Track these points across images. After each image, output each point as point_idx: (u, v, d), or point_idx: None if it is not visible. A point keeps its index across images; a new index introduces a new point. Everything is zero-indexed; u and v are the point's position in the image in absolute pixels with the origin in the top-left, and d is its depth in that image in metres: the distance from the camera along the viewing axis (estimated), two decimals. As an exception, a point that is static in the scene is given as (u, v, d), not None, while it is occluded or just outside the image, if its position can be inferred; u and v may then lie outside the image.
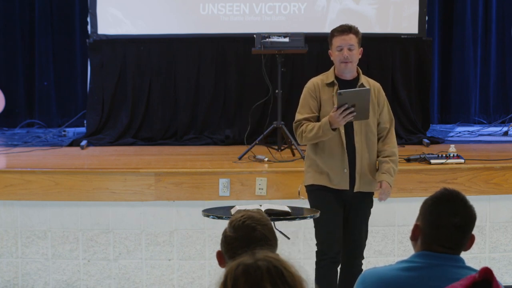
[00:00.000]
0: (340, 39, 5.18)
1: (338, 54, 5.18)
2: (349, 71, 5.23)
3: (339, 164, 5.16)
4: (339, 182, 5.17)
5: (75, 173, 6.50)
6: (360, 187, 5.21)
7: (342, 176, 5.16)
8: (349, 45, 5.16)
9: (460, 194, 2.91)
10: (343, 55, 5.15)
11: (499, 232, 6.59)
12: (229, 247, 3.03)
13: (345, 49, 5.15)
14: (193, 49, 8.56)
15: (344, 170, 5.15)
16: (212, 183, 6.45)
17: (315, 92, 5.21)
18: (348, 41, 5.16)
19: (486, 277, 2.40)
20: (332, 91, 5.17)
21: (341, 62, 5.17)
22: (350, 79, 5.25)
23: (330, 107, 5.11)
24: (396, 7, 8.60)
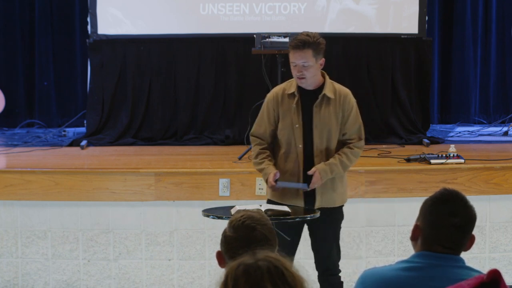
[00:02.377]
0: (294, 55, 4.86)
1: (293, 69, 4.88)
2: (307, 85, 4.94)
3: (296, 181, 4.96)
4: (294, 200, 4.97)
5: (75, 173, 6.50)
6: (321, 204, 4.99)
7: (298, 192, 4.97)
8: (303, 62, 4.84)
9: (460, 194, 2.92)
10: (296, 73, 4.87)
11: (499, 232, 6.59)
12: (229, 247, 3.03)
13: (298, 66, 4.84)
14: (193, 49, 8.56)
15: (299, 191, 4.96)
16: (212, 183, 6.45)
17: (274, 104, 4.97)
18: (302, 58, 4.83)
19: (495, 278, 2.40)
20: (293, 102, 4.93)
21: (297, 78, 4.89)
22: (313, 89, 4.97)
23: (288, 120, 4.92)
24: (396, 7, 8.60)
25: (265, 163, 4.97)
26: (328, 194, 5.01)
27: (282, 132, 4.97)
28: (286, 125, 4.94)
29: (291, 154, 4.97)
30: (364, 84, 8.61)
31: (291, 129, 4.94)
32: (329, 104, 4.94)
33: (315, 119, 4.93)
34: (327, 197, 5.00)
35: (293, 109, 4.93)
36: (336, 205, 5.07)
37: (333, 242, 5.14)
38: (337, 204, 5.08)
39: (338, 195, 5.06)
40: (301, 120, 4.93)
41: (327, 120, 4.93)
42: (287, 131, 4.96)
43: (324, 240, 5.10)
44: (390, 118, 8.58)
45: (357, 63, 8.63)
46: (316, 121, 4.92)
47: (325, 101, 4.94)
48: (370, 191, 6.52)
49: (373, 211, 6.53)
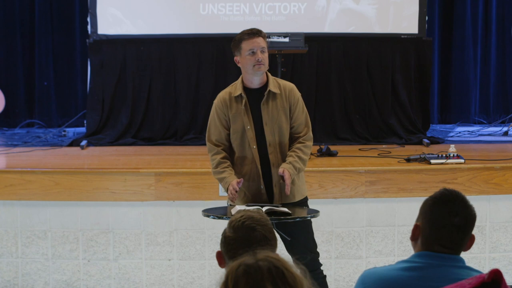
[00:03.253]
0: (251, 42, 4.93)
1: (250, 58, 4.91)
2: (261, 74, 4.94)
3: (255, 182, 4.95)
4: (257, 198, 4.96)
5: (75, 173, 6.50)
6: (281, 200, 4.96)
7: (259, 193, 4.96)
8: (261, 48, 4.91)
9: (460, 194, 2.92)
10: (257, 57, 4.89)
11: (499, 232, 6.59)
12: (229, 248, 3.02)
13: (258, 51, 4.90)
14: (193, 49, 8.56)
15: (261, 187, 4.95)
16: (212, 183, 6.45)
17: (222, 110, 4.97)
18: (259, 44, 4.92)
19: (496, 278, 2.40)
20: (241, 104, 4.93)
21: (254, 65, 4.89)
22: (258, 87, 4.97)
23: (239, 123, 4.92)
24: (396, 7, 8.60)
25: (226, 172, 4.93)
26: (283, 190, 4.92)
27: (234, 136, 4.96)
28: (237, 129, 4.94)
29: (247, 156, 4.96)
30: (364, 84, 8.61)
31: (243, 131, 4.93)
32: (275, 99, 4.95)
33: (264, 117, 4.93)
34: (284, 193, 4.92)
35: (242, 111, 4.93)
36: (296, 199, 5.02)
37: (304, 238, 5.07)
38: (296, 199, 5.02)
39: (295, 189, 5.01)
40: (251, 120, 4.93)
41: (275, 115, 4.93)
42: (239, 134, 4.94)
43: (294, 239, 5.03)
44: (390, 118, 8.58)
45: (357, 63, 8.63)
46: (265, 119, 4.93)
47: (271, 97, 4.94)
48: (370, 191, 6.52)
49: (373, 211, 6.53)
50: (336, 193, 6.49)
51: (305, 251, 5.03)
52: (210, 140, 5.02)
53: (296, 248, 5.02)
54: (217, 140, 4.99)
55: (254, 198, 4.97)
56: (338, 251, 6.47)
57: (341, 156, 7.44)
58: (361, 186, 6.51)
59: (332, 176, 6.50)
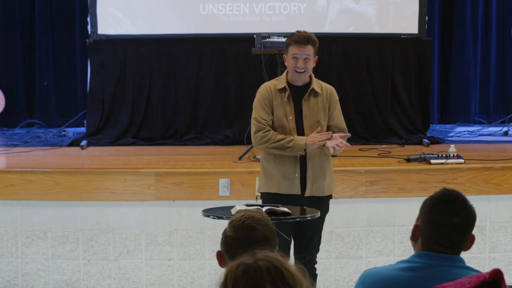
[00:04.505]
0: (297, 48, 5.17)
1: (293, 62, 5.18)
2: (302, 80, 5.24)
3: (290, 170, 5.18)
4: (290, 187, 5.18)
5: (75, 173, 6.50)
6: (312, 192, 5.20)
7: (293, 181, 5.18)
8: (305, 55, 5.17)
9: (460, 194, 2.91)
10: (298, 64, 5.16)
11: (499, 232, 6.59)
12: (229, 247, 3.02)
13: (301, 60, 5.17)
14: (193, 49, 8.56)
15: (295, 175, 5.18)
16: (212, 183, 6.45)
17: (268, 97, 5.21)
18: (305, 51, 5.17)
19: (496, 278, 2.40)
20: (284, 96, 5.20)
21: (295, 71, 5.19)
22: (301, 85, 5.26)
23: (281, 112, 5.17)
24: (396, 7, 8.60)
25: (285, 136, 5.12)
26: (319, 182, 5.22)
27: (276, 125, 5.20)
28: (279, 118, 5.18)
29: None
30: (364, 84, 8.61)
31: (285, 121, 5.17)
32: (317, 98, 5.24)
33: (304, 111, 5.20)
34: (317, 185, 5.22)
35: (285, 103, 5.19)
36: (324, 194, 5.27)
37: (315, 232, 5.31)
38: (325, 193, 5.28)
39: (326, 184, 5.27)
40: (293, 112, 5.18)
41: (315, 112, 5.21)
42: (281, 123, 5.19)
43: (307, 228, 5.24)
44: (390, 118, 8.58)
45: (357, 63, 8.63)
46: (305, 113, 5.20)
47: (313, 94, 5.23)
48: (370, 191, 6.52)
49: (373, 211, 6.53)
50: (336, 193, 6.48)
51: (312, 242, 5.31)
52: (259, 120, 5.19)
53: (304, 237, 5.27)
54: (265, 120, 5.19)
55: (286, 186, 5.19)
56: (338, 251, 6.47)
57: (341, 156, 7.43)
58: (361, 186, 6.51)
59: (332, 176, 6.50)
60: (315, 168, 5.19)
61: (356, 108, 8.57)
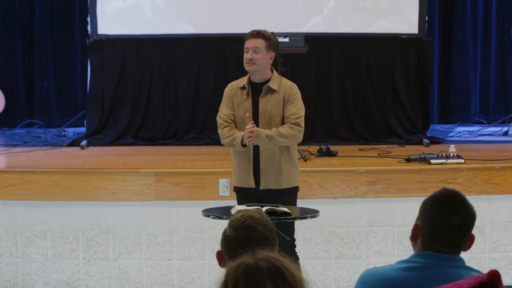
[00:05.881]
0: (247, 42, 5.42)
1: (245, 56, 5.41)
2: (254, 73, 5.42)
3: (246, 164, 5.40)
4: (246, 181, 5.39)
5: (75, 173, 6.50)
6: (267, 185, 5.35)
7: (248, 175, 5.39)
8: (254, 48, 5.36)
9: (459, 194, 2.91)
10: (246, 56, 5.37)
11: (499, 232, 6.59)
12: (229, 247, 3.02)
13: (250, 51, 5.36)
14: (193, 49, 8.56)
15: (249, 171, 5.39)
16: (212, 183, 6.45)
17: (230, 95, 5.47)
18: (254, 44, 5.37)
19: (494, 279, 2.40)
20: (244, 94, 5.41)
21: (245, 63, 5.40)
22: (261, 82, 5.42)
23: (241, 109, 5.40)
24: (396, 7, 8.60)
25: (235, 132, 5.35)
26: (272, 176, 5.36)
27: (237, 121, 5.43)
28: (239, 115, 5.41)
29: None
30: (364, 84, 8.61)
31: (243, 117, 5.38)
32: (273, 95, 5.38)
33: (260, 108, 5.38)
34: (271, 179, 5.36)
35: (244, 100, 5.42)
36: (282, 187, 5.38)
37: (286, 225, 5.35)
38: (283, 186, 5.38)
39: (283, 177, 5.37)
40: (251, 109, 5.38)
41: (269, 108, 5.37)
42: (241, 120, 5.40)
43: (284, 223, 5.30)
44: (390, 118, 8.58)
45: (357, 63, 8.63)
46: (261, 110, 5.38)
47: (269, 92, 5.38)
48: (370, 191, 6.52)
49: (373, 211, 6.53)
50: (336, 193, 6.49)
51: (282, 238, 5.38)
52: (220, 117, 5.47)
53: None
54: (226, 115, 5.43)
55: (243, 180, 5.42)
56: (338, 251, 6.47)
57: (341, 156, 7.44)
58: (361, 186, 6.51)
59: (332, 176, 6.50)
60: (267, 161, 5.36)
61: (356, 108, 8.57)
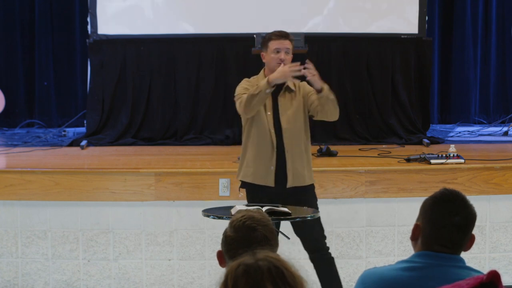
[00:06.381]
0: (278, 42, 5.41)
1: (276, 56, 5.38)
2: None
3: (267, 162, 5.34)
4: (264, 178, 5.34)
5: (75, 173, 6.50)
6: (293, 183, 5.34)
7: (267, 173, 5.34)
8: (286, 49, 5.41)
9: (460, 194, 2.92)
10: (280, 57, 5.36)
11: (499, 232, 6.59)
12: (229, 247, 3.03)
13: (283, 52, 5.39)
14: (193, 49, 8.56)
15: (271, 168, 5.34)
16: (212, 183, 6.45)
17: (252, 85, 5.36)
18: (286, 45, 5.42)
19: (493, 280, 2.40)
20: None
21: (276, 64, 5.36)
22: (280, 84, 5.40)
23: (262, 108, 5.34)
24: (396, 7, 8.60)
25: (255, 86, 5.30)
26: (299, 173, 5.36)
27: (257, 118, 5.37)
28: (259, 112, 5.36)
29: (264, 138, 5.35)
30: (364, 84, 8.61)
31: (264, 115, 5.37)
32: (291, 94, 5.43)
33: (280, 107, 5.39)
34: (298, 176, 5.36)
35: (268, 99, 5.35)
36: (306, 183, 5.40)
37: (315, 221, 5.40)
38: (307, 182, 5.41)
39: (307, 173, 5.41)
40: (271, 107, 5.38)
41: (289, 106, 5.39)
42: (261, 117, 5.37)
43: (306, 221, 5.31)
44: (390, 118, 8.58)
45: (357, 63, 8.63)
46: (281, 109, 5.39)
47: (288, 91, 5.42)
48: (370, 191, 6.52)
49: (373, 211, 6.53)
50: (336, 193, 6.49)
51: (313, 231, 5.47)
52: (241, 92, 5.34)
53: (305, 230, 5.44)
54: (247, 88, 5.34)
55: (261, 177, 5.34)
56: (338, 251, 6.47)
57: (341, 156, 7.44)
58: (361, 186, 6.51)
59: (332, 176, 6.50)
60: (294, 158, 5.35)
61: (356, 108, 8.57)
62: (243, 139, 5.47)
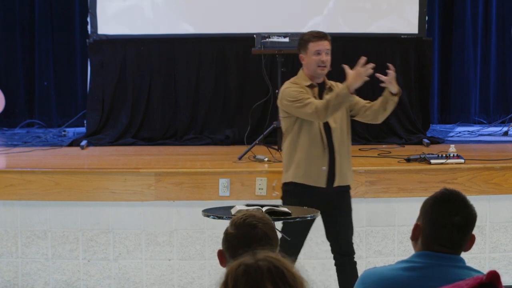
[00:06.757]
0: (318, 44, 5.37)
1: (317, 58, 5.33)
2: (323, 75, 5.43)
3: (318, 162, 5.32)
4: (317, 180, 5.32)
5: (75, 173, 6.49)
6: (340, 182, 5.39)
7: (319, 173, 5.33)
8: (327, 50, 5.39)
9: (460, 194, 2.92)
10: (322, 58, 5.33)
11: (499, 232, 6.59)
12: (230, 245, 3.03)
13: (324, 54, 5.35)
14: (193, 49, 8.56)
15: (323, 168, 5.32)
16: (212, 183, 6.45)
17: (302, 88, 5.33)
18: (327, 46, 5.39)
19: (493, 280, 2.40)
20: (315, 92, 5.37)
21: (318, 66, 5.34)
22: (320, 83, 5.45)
23: None
24: (396, 7, 8.60)
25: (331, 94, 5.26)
26: (345, 172, 5.42)
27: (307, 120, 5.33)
28: None
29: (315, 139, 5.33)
30: (364, 84, 8.59)
31: None
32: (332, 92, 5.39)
33: None
34: (344, 175, 5.42)
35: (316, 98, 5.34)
36: (349, 182, 5.50)
37: (350, 223, 5.51)
38: (349, 182, 5.51)
39: (351, 173, 5.52)
40: None
41: None
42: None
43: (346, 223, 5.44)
44: (390, 118, 8.55)
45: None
46: None
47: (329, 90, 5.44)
48: (370, 191, 6.52)
49: (373, 211, 6.53)
50: (336, 193, 6.48)
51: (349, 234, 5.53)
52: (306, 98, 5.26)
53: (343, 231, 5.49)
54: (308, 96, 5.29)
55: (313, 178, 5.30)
56: (338, 251, 6.46)
57: (341, 156, 7.43)
58: (361, 186, 6.51)
59: (332, 176, 6.49)
60: (341, 158, 5.38)
61: (356, 108, 8.56)
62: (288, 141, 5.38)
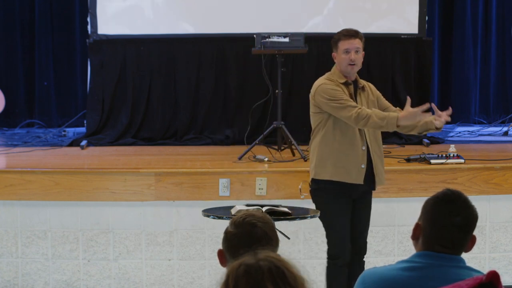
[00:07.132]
0: (348, 42, 5.36)
1: (346, 56, 5.34)
2: (354, 73, 5.41)
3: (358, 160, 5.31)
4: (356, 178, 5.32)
5: (75, 173, 6.49)
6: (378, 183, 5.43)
7: (358, 171, 5.31)
8: (356, 48, 5.35)
9: (462, 194, 2.92)
10: (351, 57, 5.32)
11: (499, 232, 6.59)
12: (230, 245, 3.03)
13: (353, 52, 5.34)
14: (193, 49, 8.56)
15: (361, 166, 5.32)
16: (212, 183, 6.45)
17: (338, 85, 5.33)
18: (356, 44, 5.35)
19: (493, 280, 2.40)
20: (350, 89, 5.37)
21: (348, 65, 5.34)
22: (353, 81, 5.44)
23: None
24: (396, 7, 8.60)
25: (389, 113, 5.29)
26: (381, 172, 5.43)
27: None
28: None
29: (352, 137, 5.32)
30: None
31: None
32: (364, 92, 5.46)
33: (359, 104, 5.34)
34: (380, 174, 5.43)
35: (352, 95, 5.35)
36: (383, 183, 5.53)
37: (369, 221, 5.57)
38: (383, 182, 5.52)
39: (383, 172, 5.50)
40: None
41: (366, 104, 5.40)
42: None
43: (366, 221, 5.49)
44: (390, 118, 8.57)
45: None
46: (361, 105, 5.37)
47: (361, 90, 5.45)
48: (370, 191, 6.51)
49: (373, 211, 6.52)
50: (336, 193, 6.47)
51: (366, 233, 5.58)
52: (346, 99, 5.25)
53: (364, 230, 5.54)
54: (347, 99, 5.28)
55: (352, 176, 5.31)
56: (338, 251, 6.46)
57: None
58: (361, 186, 6.50)
59: (332, 176, 6.49)
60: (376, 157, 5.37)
61: (356, 108, 8.56)
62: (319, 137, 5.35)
